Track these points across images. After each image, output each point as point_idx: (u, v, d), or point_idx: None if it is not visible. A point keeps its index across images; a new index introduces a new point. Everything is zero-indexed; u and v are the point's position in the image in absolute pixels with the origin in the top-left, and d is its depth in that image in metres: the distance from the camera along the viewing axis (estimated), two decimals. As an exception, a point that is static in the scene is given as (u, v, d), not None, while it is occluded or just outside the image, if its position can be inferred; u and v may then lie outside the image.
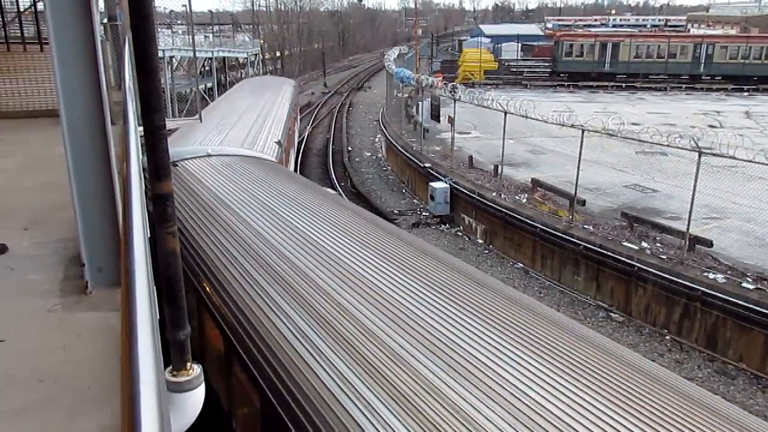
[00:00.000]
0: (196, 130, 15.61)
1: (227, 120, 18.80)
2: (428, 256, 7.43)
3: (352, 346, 5.09)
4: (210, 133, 16.10)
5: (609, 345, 5.56)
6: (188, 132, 15.65)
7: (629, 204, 19.29)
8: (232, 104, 23.23)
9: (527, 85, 50.25)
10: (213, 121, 17.87)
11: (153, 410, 1.48)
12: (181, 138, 15.01)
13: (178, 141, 14.41)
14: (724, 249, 15.39)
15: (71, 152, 3.32)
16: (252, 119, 19.70)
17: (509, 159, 22.23)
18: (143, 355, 1.69)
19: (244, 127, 17.92)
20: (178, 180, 10.54)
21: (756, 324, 13.10)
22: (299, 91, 40.10)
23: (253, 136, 17.01)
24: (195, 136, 15.28)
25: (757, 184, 17.01)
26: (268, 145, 16.35)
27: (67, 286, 3.67)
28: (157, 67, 3.04)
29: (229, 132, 16.81)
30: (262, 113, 21.25)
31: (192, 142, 14.25)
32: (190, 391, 3.40)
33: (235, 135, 16.45)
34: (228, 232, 8.22)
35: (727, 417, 4.52)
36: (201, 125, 14.88)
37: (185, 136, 15.27)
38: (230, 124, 18.11)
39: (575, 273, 17.02)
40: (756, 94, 47.28)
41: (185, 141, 14.53)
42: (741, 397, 12.50)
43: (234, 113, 20.57)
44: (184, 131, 15.68)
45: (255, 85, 30.53)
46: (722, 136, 15.81)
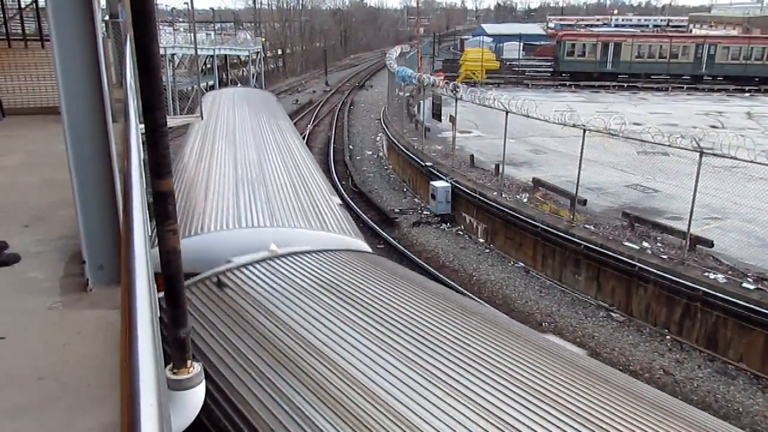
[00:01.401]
0: (206, 199, 9.07)
1: (242, 171, 10.80)
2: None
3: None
4: (226, 200, 8.97)
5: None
6: (201, 200, 9.06)
7: (630, 204, 19.27)
8: (227, 140, 13.71)
9: (529, 84, 50.22)
10: (218, 172, 10.75)
11: (153, 408, 1.47)
12: (192, 211, 8.61)
13: (189, 217, 8.32)
14: (725, 249, 15.38)
15: (72, 149, 3.32)
16: (275, 167, 11.50)
17: (511, 158, 22.21)
18: (143, 353, 1.69)
19: (273, 185, 10.07)
20: (230, 311, 5.49)
21: (756, 324, 13.09)
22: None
23: (300, 199, 9.58)
24: (213, 207, 8.70)
25: (758, 184, 16.98)
26: (332, 211, 9.42)
27: (67, 283, 3.67)
28: (159, 65, 3.04)
29: (256, 195, 9.33)
30: (275, 151, 13.21)
31: (217, 220, 8.15)
32: (191, 389, 3.40)
33: (271, 202, 9.08)
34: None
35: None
36: (202, 190, 9.32)
37: (194, 209, 8.69)
38: (251, 179, 10.26)
39: (576, 272, 17.01)
40: (758, 94, 47.23)
41: (199, 216, 8.34)
42: (741, 397, 12.49)
43: (238, 158, 11.98)
44: (187, 198, 9.29)
45: (235, 103, 19.54)
46: (724, 136, 15.80)
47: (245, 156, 11.92)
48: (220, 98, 20.70)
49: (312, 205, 9.24)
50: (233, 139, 13.64)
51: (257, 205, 8.64)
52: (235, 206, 8.60)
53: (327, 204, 9.73)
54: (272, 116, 18.65)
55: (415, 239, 20.98)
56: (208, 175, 10.42)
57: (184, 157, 12.42)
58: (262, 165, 11.30)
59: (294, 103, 52.22)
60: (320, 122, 44.10)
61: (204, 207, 8.59)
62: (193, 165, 11.38)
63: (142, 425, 1.38)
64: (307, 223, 8.42)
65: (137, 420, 1.39)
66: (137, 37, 2.87)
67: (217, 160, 11.45)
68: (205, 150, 12.56)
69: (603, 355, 13.98)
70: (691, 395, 12.52)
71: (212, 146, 12.79)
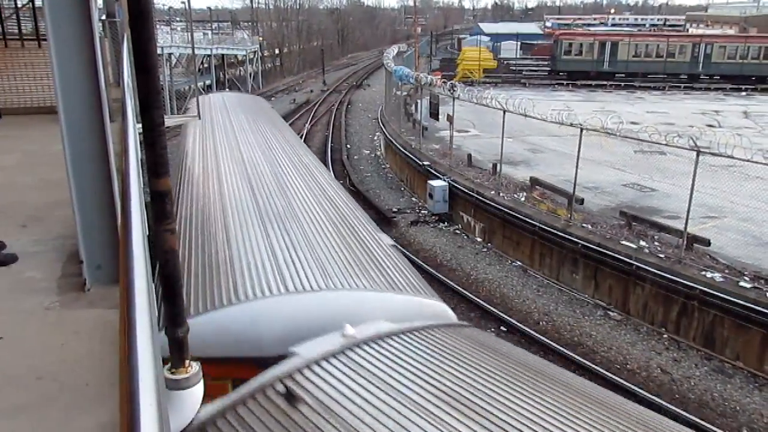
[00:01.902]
0: (228, 245, 6.92)
1: (263, 201, 8.69)
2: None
3: None
4: (255, 247, 6.82)
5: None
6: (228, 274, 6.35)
7: (628, 203, 19.31)
8: (232, 157, 11.44)
9: (526, 83, 50.27)
10: (234, 203, 8.59)
11: (152, 407, 1.48)
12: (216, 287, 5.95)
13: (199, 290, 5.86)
14: (722, 248, 15.41)
15: (70, 149, 3.31)
16: (300, 193, 9.33)
17: (508, 157, 22.23)
18: (142, 353, 1.69)
19: (307, 220, 8.02)
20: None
21: (753, 323, 13.12)
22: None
23: (346, 240, 7.44)
24: (241, 257, 6.52)
25: (755, 183, 17.02)
26: (389, 257, 7.28)
27: (65, 283, 3.67)
28: (156, 65, 3.04)
29: (291, 237, 7.22)
30: (291, 169, 10.86)
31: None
32: (189, 388, 3.40)
33: (314, 247, 6.95)
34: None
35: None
36: (220, 231, 7.16)
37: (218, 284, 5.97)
38: (277, 212, 8.18)
39: (574, 271, 17.04)
40: (754, 93, 47.34)
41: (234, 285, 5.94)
42: (738, 396, 12.52)
43: (253, 182, 9.66)
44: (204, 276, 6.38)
45: (230, 111, 17.10)
46: (720, 135, 15.83)
47: (260, 178, 9.71)
48: (211, 104, 17.93)
49: (364, 251, 7.01)
50: (240, 156, 11.34)
51: (298, 253, 6.48)
52: (270, 256, 6.35)
53: (378, 246, 7.46)
54: (274, 126, 16.25)
55: (413, 238, 20.99)
56: (222, 207, 8.19)
57: (185, 181, 10.13)
58: (284, 190, 9.03)
59: (291, 102, 52.18)
60: (317, 122, 44.08)
61: (228, 257, 6.34)
62: (200, 193, 9.15)
63: (142, 424, 1.38)
64: (369, 279, 6.20)
65: (137, 419, 1.40)
66: (134, 37, 2.87)
67: (229, 186, 9.30)
68: (210, 171, 10.35)
69: (600, 353, 14.01)
70: (688, 394, 12.56)
71: (217, 166, 10.62)
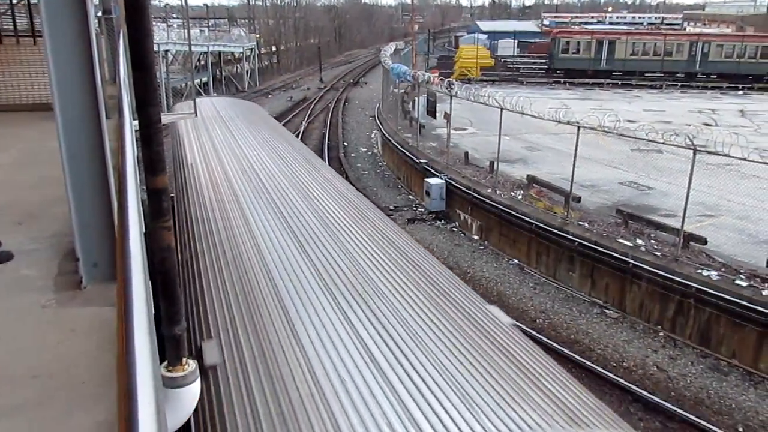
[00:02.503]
0: (290, 336, 5.01)
1: (312, 250, 6.77)
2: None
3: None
4: (326, 342, 4.84)
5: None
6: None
7: (624, 201, 19.33)
8: (250, 182, 9.58)
9: (524, 81, 50.27)
10: (274, 254, 6.71)
11: (150, 406, 1.47)
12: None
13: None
14: (718, 246, 15.45)
15: (66, 146, 3.30)
16: (354, 236, 7.45)
17: (505, 155, 22.24)
18: (140, 350, 1.68)
19: (384, 286, 5.94)
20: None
21: (749, 321, 13.16)
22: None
23: (456, 321, 5.45)
24: (311, 360, 4.58)
25: (751, 182, 17.07)
26: (523, 349, 5.39)
27: (61, 281, 3.65)
28: (153, 61, 3.02)
29: (382, 324, 5.14)
30: (327, 198, 9.12)
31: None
32: (186, 386, 3.39)
33: (423, 341, 4.92)
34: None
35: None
36: (273, 306, 5.39)
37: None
38: (342, 273, 6.13)
39: (570, 269, 17.06)
40: (750, 92, 47.42)
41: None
42: (734, 393, 12.56)
43: (289, 219, 7.83)
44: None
45: (227, 122, 15.39)
46: (717, 134, 15.86)
47: (300, 220, 7.52)
48: (204, 117, 15.35)
49: (492, 344, 5.03)
50: (262, 185, 9.11)
51: (407, 354, 4.58)
52: (368, 359, 4.48)
53: (501, 330, 5.47)
54: (283, 140, 14.16)
55: (410, 236, 20.99)
56: (262, 263, 6.17)
57: (193, 212, 8.19)
58: (339, 241, 6.86)
59: (288, 99, 52.11)
60: (315, 119, 44.02)
61: (299, 356, 4.57)
62: (221, 235, 7.13)
63: (140, 423, 1.37)
64: (538, 409, 4.17)
65: (134, 417, 1.39)
66: (131, 33, 2.85)
67: (260, 224, 7.30)
68: (227, 203, 8.20)
69: (597, 351, 14.03)
70: (684, 391, 12.59)
71: (235, 195, 8.48)
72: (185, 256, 7.11)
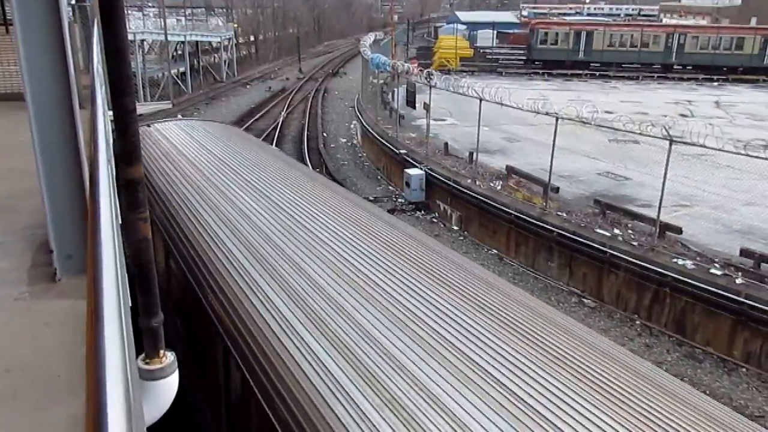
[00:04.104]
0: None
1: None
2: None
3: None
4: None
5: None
6: None
7: (602, 191, 19.54)
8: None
9: (502, 72, 50.42)
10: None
11: (120, 398, 1.44)
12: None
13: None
14: (694, 236, 15.70)
15: (38, 137, 3.24)
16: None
17: (484, 146, 22.33)
18: (110, 342, 1.65)
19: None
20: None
21: (723, 309, 13.41)
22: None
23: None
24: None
25: (726, 172, 17.36)
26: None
27: (35, 273, 3.59)
28: (127, 50, 2.97)
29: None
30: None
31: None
32: (164, 378, 3.37)
33: None
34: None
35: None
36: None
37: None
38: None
39: (549, 259, 17.22)
40: (725, 84, 48.10)
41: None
42: (708, 380, 12.82)
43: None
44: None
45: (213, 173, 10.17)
46: (693, 125, 16.06)
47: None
48: (167, 149, 11.67)
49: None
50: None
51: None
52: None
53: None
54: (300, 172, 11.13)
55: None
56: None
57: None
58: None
59: (267, 90, 51.72)
60: (294, 110, 43.76)
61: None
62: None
63: (109, 416, 1.35)
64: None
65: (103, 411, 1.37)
66: (104, 20, 2.80)
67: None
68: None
69: (575, 340, 14.21)
70: (660, 378, 12.81)
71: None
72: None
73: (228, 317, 5.88)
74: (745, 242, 15.06)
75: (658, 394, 4.54)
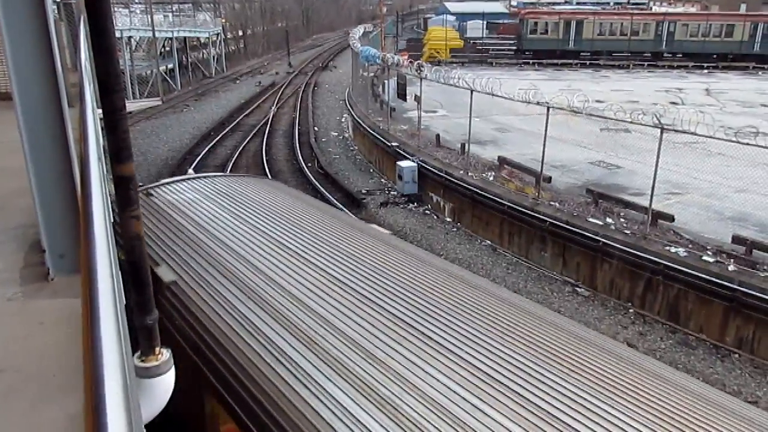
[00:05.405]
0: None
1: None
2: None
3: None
4: None
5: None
6: None
7: (594, 180, 19.60)
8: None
9: (493, 63, 50.41)
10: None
11: (119, 394, 1.44)
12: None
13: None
14: (686, 223, 15.78)
15: (27, 137, 3.21)
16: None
17: (476, 137, 22.34)
18: (107, 339, 1.65)
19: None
20: None
21: (716, 296, 13.50)
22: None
23: None
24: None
25: (717, 159, 17.44)
26: None
27: (27, 273, 3.57)
28: (115, 46, 2.94)
29: None
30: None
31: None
32: (160, 376, 3.36)
33: None
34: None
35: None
36: None
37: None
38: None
39: (542, 249, 17.27)
40: (715, 71, 48.27)
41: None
42: (701, 367, 12.92)
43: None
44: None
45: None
46: (683, 112, 16.12)
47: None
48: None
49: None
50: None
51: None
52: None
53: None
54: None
55: (383, 219, 21.02)
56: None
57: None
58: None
59: (257, 85, 51.52)
60: (284, 104, 43.62)
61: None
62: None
63: (108, 413, 1.35)
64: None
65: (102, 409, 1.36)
66: (91, 17, 2.77)
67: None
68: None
69: (569, 329, 14.27)
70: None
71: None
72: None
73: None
74: (737, 229, 15.17)
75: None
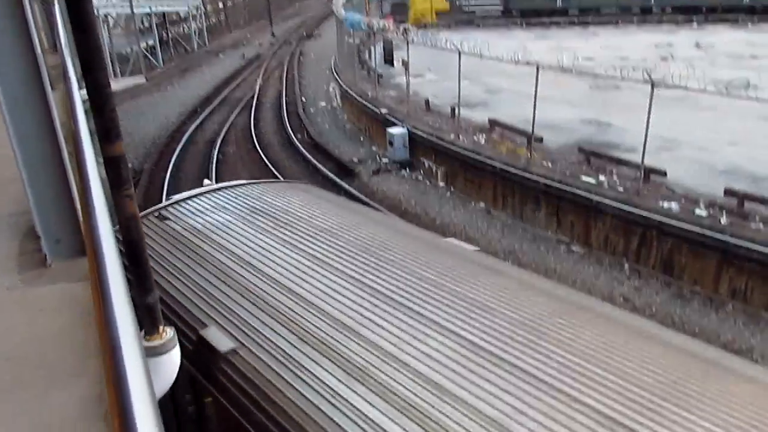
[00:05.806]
0: None
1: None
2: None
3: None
4: None
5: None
6: None
7: (586, 139, 19.56)
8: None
9: (480, 24, 49.76)
10: None
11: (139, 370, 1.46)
12: None
13: None
14: (678, 178, 15.83)
15: (12, 123, 3.16)
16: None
17: (466, 100, 22.18)
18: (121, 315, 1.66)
19: None
20: None
21: (709, 248, 13.63)
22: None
23: None
24: None
25: (708, 113, 17.41)
26: None
27: (24, 260, 3.55)
28: (95, 22, 2.87)
29: None
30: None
31: None
32: (165, 354, 3.37)
33: None
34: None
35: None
36: None
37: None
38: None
39: (536, 210, 17.32)
40: (705, 24, 47.84)
41: None
42: (696, 318, 13.11)
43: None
44: None
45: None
46: (674, 67, 16.03)
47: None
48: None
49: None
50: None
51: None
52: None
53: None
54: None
55: (376, 187, 20.98)
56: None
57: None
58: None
59: (241, 57, 50.78)
60: (270, 76, 43.08)
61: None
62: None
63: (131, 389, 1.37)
64: None
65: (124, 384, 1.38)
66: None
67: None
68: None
69: (566, 288, 14.41)
70: (650, 319, 13.07)
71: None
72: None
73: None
74: (729, 182, 15.23)
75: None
